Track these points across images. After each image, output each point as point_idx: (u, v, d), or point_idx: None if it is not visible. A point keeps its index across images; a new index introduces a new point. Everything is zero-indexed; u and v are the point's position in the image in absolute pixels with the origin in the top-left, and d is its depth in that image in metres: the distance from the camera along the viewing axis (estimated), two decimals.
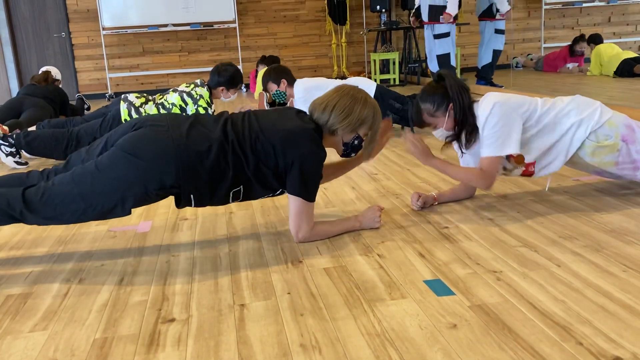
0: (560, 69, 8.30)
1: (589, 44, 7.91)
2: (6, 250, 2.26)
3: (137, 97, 4.06)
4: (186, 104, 4.07)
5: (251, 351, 1.40)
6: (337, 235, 2.18)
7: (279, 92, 4.17)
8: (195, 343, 1.46)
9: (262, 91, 4.96)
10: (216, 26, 8.99)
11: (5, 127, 4.36)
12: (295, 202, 2.05)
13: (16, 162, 3.90)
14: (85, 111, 6.73)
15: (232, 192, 2.05)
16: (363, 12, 9.41)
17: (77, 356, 1.43)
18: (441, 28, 6.55)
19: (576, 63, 8.24)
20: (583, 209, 2.35)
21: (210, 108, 4.14)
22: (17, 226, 2.52)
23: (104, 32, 8.69)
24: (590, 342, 1.35)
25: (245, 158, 2.00)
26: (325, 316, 1.56)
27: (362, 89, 2.18)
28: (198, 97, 4.10)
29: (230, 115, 2.13)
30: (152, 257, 2.09)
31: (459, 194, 2.54)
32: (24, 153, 3.98)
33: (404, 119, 4.19)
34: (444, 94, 2.27)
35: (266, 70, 4.28)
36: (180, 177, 1.94)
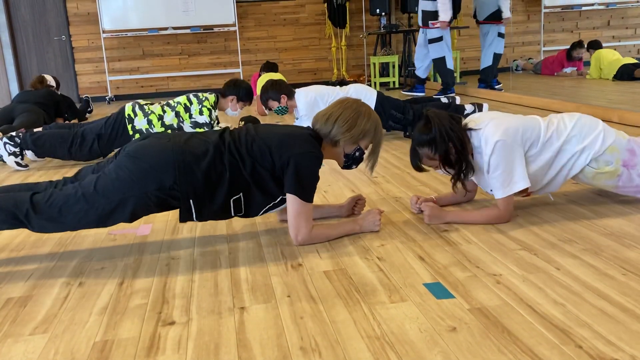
0: (558, 73, 8.30)
1: (588, 50, 7.91)
2: (7, 252, 2.27)
3: (144, 101, 4.13)
4: (191, 103, 4.10)
5: (251, 354, 1.41)
6: (337, 238, 2.19)
7: (281, 108, 4.26)
8: (195, 346, 1.46)
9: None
10: (216, 29, 9.00)
11: None
12: (292, 203, 2.07)
13: (17, 163, 3.89)
14: (87, 113, 6.74)
15: (232, 201, 2.09)
16: (363, 16, 9.41)
17: (77, 359, 1.43)
18: (433, 33, 6.62)
19: (575, 67, 8.24)
20: (582, 213, 2.35)
21: (214, 110, 4.17)
22: (18, 229, 2.52)
23: (104, 35, 8.69)
24: (589, 345, 1.35)
25: (241, 159, 2.06)
26: (325, 319, 1.56)
27: (365, 103, 2.23)
28: (204, 99, 4.13)
29: (231, 129, 2.22)
30: (152, 260, 2.09)
31: (459, 198, 2.54)
32: (27, 156, 3.99)
33: (405, 128, 4.36)
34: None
35: (263, 87, 4.31)
36: (177, 177, 2.00)
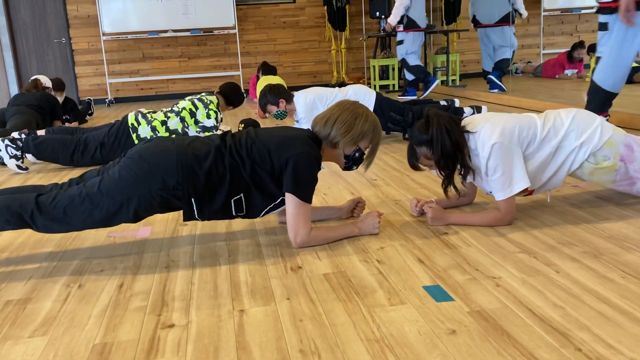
0: (559, 76, 8.31)
1: (589, 53, 7.92)
2: (8, 252, 2.27)
3: (146, 109, 4.14)
4: (197, 108, 4.10)
5: (250, 357, 1.40)
6: (336, 241, 2.19)
7: (279, 112, 4.29)
8: (194, 349, 1.46)
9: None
10: (216, 32, 9.01)
11: None
12: (291, 203, 2.08)
13: (17, 166, 3.90)
14: (88, 116, 6.74)
15: (233, 201, 2.11)
16: (362, 19, 9.42)
17: None
18: (398, 36, 7.07)
19: (575, 70, 8.24)
20: (582, 216, 2.35)
21: (219, 113, 4.18)
22: (19, 230, 2.52)
23: (104, 38, 8.70)
24: (589, 348, 1.35)
25: (241, 160, 2.09)
26: (324, 322, 1.56)
27: (363, 105, 2.25)
28: (208, 102, 4.14)
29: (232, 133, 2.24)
30: (152, 263, 2.09)
31: (459, 200, 2.54)
32: (27, 158, 3.99)
33: (405, 129, 4.36)
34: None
35: (261, 92, 4.33)
36: (180, 177, 2.03)
